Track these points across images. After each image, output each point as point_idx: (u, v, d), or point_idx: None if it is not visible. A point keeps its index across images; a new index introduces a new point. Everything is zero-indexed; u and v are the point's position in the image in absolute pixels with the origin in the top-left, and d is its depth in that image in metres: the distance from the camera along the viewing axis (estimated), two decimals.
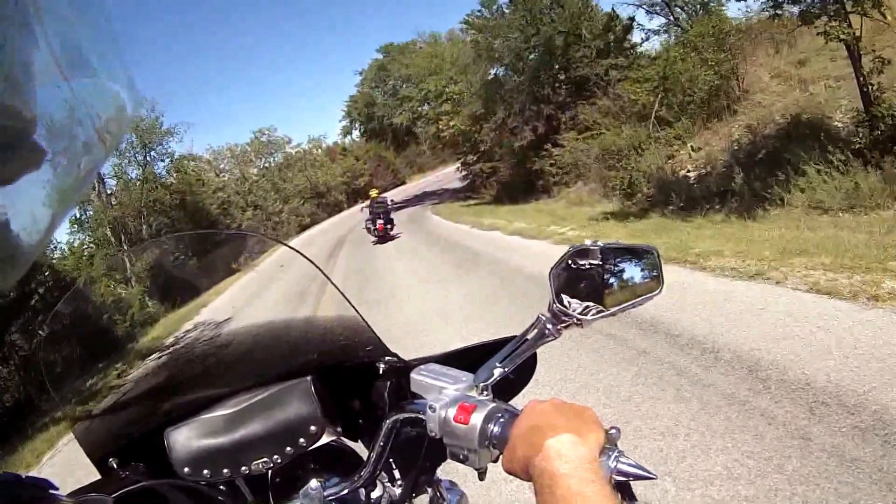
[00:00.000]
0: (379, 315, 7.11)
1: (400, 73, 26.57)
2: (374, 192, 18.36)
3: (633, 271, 0.90)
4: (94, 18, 0.39)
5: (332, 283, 1.06)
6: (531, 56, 18.42)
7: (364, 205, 18.35)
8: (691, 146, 13.67)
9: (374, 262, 13.22)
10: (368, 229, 17.25)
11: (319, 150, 50.24)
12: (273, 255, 1.50)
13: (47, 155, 0.33)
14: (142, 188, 20.68)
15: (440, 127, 21.57)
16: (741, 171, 10.82)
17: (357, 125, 28.39)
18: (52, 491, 0.70)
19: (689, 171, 13.21)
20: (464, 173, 30.07)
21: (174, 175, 24.79)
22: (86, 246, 20.08)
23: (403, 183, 52.25)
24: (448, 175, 47.67)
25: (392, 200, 18.41)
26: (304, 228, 37.53)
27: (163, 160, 22.59)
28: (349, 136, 29.15)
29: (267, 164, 45.99)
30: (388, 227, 16.85)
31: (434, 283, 8.87)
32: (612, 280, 0.88)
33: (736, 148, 12.44)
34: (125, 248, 20.39)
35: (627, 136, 13.99)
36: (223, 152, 43.85)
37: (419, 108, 26.72)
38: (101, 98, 0.39)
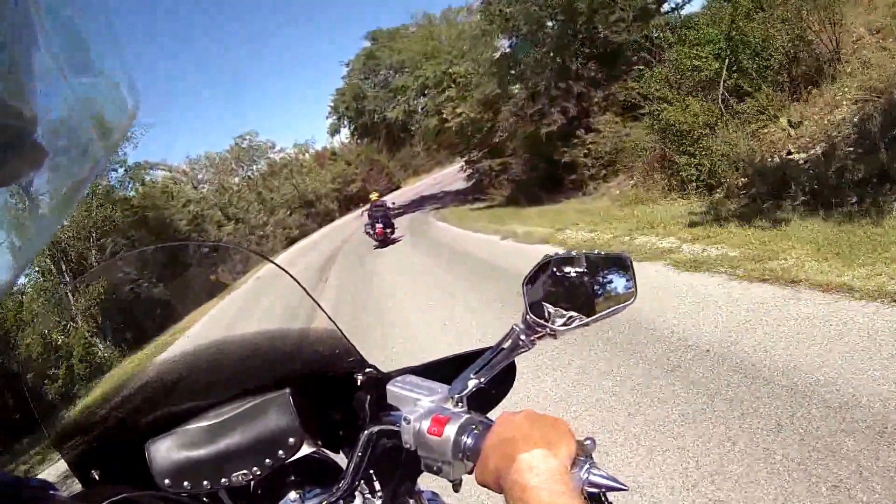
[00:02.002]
0: None
1: (392, 61, 23.11)
2: (374, 196, 17.70)
3: (607, 280, 0.88)
4: (94, 19, 0.39)
5: (309, 295, 1.04)
6: (550, 25, 15.00)
7: (365, 208, 17.76)
8: (788, 120, 10.28)
9: (379, 302, 8.53)
10: (368, 233, 16.57)
11: (307, 155, 46.79)
12: (256, 272, 1.36)
13: (48, 154, 0.33)
14: (90, 204, 17.14)
15: (444, 116, 17.90)
16: (884, 150, 7.53)
17: (345, 122, 24.85)
18: (51, 492, 0.72)
19: (792, 153, 9.83)
20: (468, 172, 26.65)
21: (138, 188, 21.45)
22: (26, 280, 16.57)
23: (398, 187, 48.76)
24: (446, 177, 44.58)
25: (393, 203, 17.87)
26: (291, 242, 34.04)
27: (115, 170, 19.10)
28: (337, 136, 25.48)
29: (250, 173, 42.57)
30: (388, 230, 16.31)
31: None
32: (586, 289, 0.88)
33: (860, 120, 9.07)
34: (67, 278, 16.83)
35: (698, 112, 10.59)
36: (201, 161, 40.51)
37: (415, 101, 23.24)
38: (101, 98, 0.39)
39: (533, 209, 15.11)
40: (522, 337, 0.86)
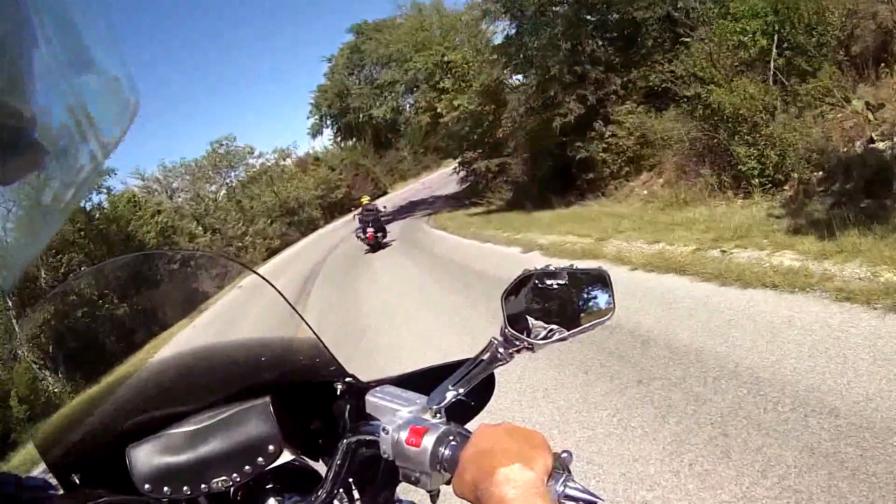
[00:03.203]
0: None
1: (378, 55, 21.16)
2: (364, 199, 17.43)
3: (587, 295, 0.89)
4: (93, 19, 0.39)
5: (290, 305, 1.04)
6: (558, 6, 13.16)
7: (356, 212, 17.49)
8: (867, 103, 8.52)
9: (373, 341, 6.33)
10: (359, 237, 16.27)
11: (288, 161, 44.65)
12: (238, 283, 1.32)
13: (48, 154, 0.34)
14: None
15: (439, 111, 15.84)
16: None
17: (328, 122, 22.80)
18: (51, 492, 0.78)
19: (875, 141, 8.07)
20: (462, 174, 24.74)
21: (98, 199, 19.27)
22: None
23: (385, 192, 46.77)
24: (434, 181, 42.77)
25: (384, 207, 17.74)
26: (272, 253, 31.87)
27: None
28: (319, 137, 23.34)
29: (228, 181, 40.35)
30: (379, 234, 16.09)
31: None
32: (565, 304, 0.88)
33: None
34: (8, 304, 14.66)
35: (755, 94, 8.79)
36: (176, 169, 38.20)
37: (404, 98, 21.30)
38: (101, 97, 0.39)
39: (544, 214, 13.23)
40: (501, 350, 0.85)
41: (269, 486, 1.01)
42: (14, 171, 0.33)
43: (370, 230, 15.72)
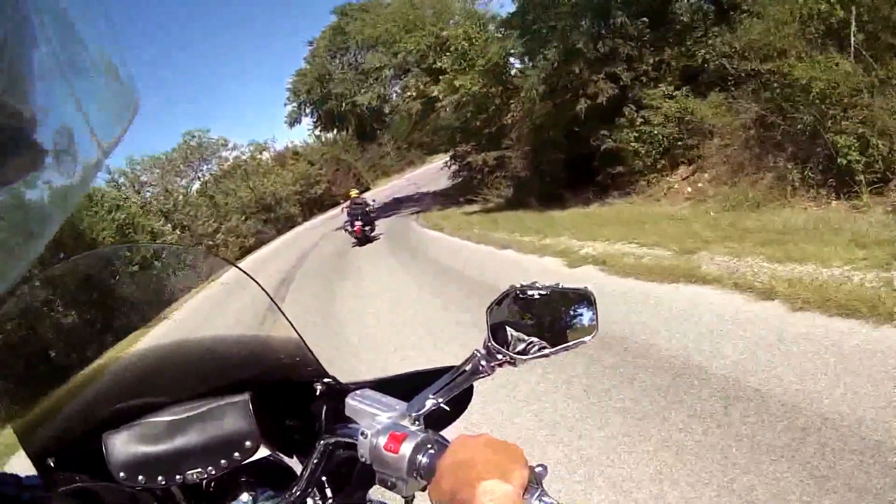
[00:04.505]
0: None
1: (364, 36, 19.03)
2: (353, 193, 17.46)
3: (570, 314, 0.90)
4: (94, 18, 0.39)
5: (275, 303, 1.05)
6: None
7: (344, 205, 17.30)
8: None
9: None
10: (347, 230, 16.25)
11: (265, 155, 42.20)
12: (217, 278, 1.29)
13: (48, 154, 0.34)
14: None
15: (437, 94, 13.59)
16: None
17: (307, 109, 20.53)
18: (50, 493, 0.74)
19: None
20: (453, 168, 22.70)
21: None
22: None
23: (368, 188, 44.43)
24: (420, 177, 40.73)
25: (374, 200, 17.66)
26: (246, 252, 29.54)
27: None
28: (297, 125, 20.96)
29: (200, 175, 37.87)
30: (367, 228, 16.11)
31: None
32: (549, 322, 0.89)
33: None
34: None
35: (850, 70, 6.95)
36: (145, 162, 35.59)
37: (392, 84, 19.21)
38: (101, 97, 0.39)
39: (562, 214, 11.32)
40: (483, 362, 0.86)
41: (243, 479, 1.01)
42: (14, 171, 0.32)
43: (358, 223, 15.68)
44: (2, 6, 0.29)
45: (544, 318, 0.88)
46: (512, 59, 12.16)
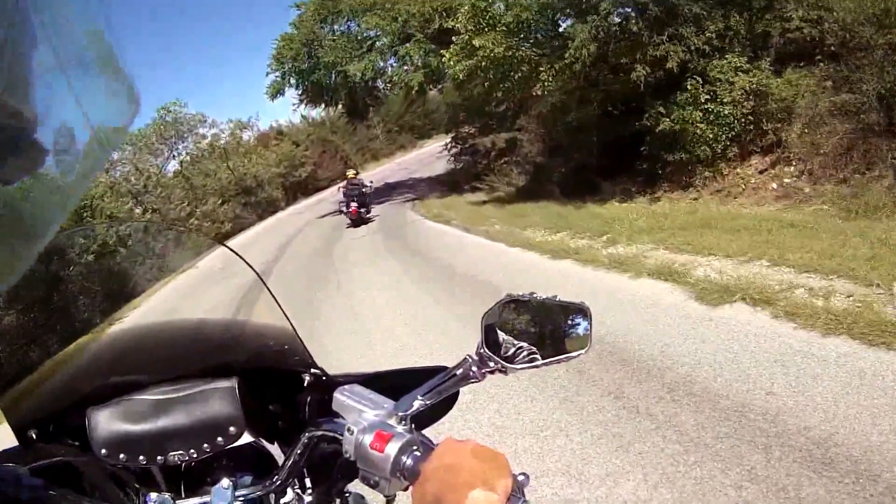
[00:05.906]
0: None
1: (357, 1, 16.71)
2: (350, 173, 17.29)
3: (565, 327, 0.89)
4: (95, 17, 0.39)
5: (267, 288, 1.02)
6: None
7: (340, 185, 16.98)
8: None
9: None
10: (342, 212, 15.97)
11: (247, 133, 39.55)
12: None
13: (48, 154, 0.34)
14: None
15: (447, 60, 11.20)
16: None
17: (292, 80, 18.10)
18: (51, 492, 0.73)
19: None
20: (454, 151, 20.49)
21: None
22: None
23: (357, 173, 42.22)
24: (411, 162, 38.47)
25: (371, 182, 17.45)
26: (223, 238, 27.15)
27: None
28: (280, 97, 18.46)
29: (175, 153, 35.22)
30: (363, 210, 15.88)
31: None
32: (542, 333, 0.88)
33: None
34: None
35: None
36: None
37: (389, 53, 16.90)
38: (101, 96, 0.39)
39: (608, 209, 9.28)
40: (474, 368, 0.85)
41: (224, 463, 1.00)
42: (14, 171, 0.32)
43: (353, 205, 15.45)
44: (2, 6, 0.29)
45: (539, 329, 0.89)
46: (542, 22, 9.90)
